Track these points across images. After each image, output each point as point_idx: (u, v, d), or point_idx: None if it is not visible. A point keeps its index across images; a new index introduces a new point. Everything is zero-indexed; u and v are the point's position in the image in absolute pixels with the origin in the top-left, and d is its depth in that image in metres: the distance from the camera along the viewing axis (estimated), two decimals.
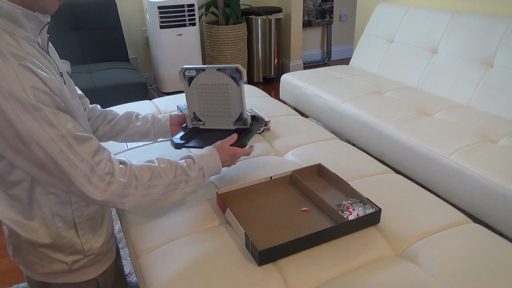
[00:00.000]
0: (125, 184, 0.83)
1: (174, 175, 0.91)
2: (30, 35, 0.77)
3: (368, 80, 2.39)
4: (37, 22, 0.78)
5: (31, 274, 0.96)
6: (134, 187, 0.85)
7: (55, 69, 0.84)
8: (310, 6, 4.05)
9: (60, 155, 0.74)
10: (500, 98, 1.84)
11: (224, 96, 1.21)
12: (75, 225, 0.91)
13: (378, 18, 2.65)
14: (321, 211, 1.06)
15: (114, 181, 0.81)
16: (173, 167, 0.92)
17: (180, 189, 0.93)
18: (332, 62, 4.38)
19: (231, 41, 3.30)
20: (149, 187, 0.87)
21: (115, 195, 0.82)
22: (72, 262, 0.92)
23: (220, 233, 0.99)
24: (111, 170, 0.81)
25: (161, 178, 0.89)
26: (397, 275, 0.86)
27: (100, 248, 0.97)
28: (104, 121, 1.18)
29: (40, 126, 0.71)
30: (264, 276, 0.86)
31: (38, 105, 0.71)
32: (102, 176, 0.79)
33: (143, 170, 0.87)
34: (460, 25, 2.10)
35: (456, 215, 1.07)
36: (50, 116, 0.72)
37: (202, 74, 1.19)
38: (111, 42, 2.99)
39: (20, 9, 0.74)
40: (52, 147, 0.73)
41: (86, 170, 0.77)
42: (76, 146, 0.76)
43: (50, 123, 0.72)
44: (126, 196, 0.84)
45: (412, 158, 1.68)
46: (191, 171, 0.94)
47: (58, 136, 0.74)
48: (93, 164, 0.78)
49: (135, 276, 1.46)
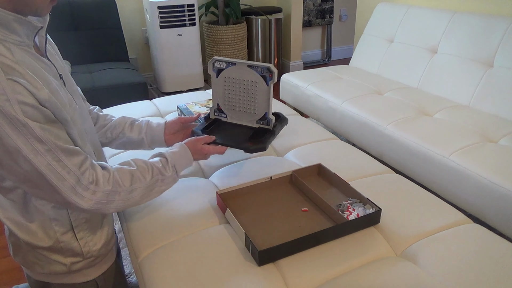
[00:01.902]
0: (109, 192, 0.84)
1: (152, 176, 0.93)
2: (24, 39, 0.76)
3: (368, 80, 2.39)
4: (30, 27, 0.77)
5: (31, 274, 0.96)
6: (118, 193, 0.86)
7: (53, 72, 0.83)
8: (310, 6, 4.05)
9: (48, 168, 0.75)
10: (500, 98, 1.84)
11: (251, 93, 1.20)
12: (72, 229, 0.90)
13: (378, 18, 2.65)
14: (321, 211, 1.06)
15: (99, 190, 0.82)
16: (149, 169, 0.93)
17: (157, 188, 0.95)
18: (332, 62, 4.37)
19: (231, 41, 3.30)
20: (131, 191, 0.89)
21: (100, 203, 0.83)
22: (71, 264, 0.92)
23: (220, 233, 0.99)
24: (95, 178, 0.82)
25: (141, 181, 0.90)
26: (397, 275, 0.86)
27: (100, 251, 0.96)
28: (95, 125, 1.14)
29: (27, 141, 0.71)
30: (264, 276, 0.86)
31: (25, 121, 0.70)
32: (87, 185, 0.80)
33: (124, 175, 0.88)
34: (460, 25, 2.10)
35: (456, 215, 1.07)
36: (37, 131, 0.72)
37: (232, 68, 1.18)
38: (111, 42, 2.99)
39: (11, 14, 0.72)
40: (39, 161, 0.73)
41: (73, 181, 0.78)
42: (64, 159, 0.76)
43: (38, 138, 0.72)
44: (111, 202, 0.85)
45: (412, 158, 1.68)
46: (166, 171, 0.96)
47: (45, 150, 0.74)
48: (79, 175, 0.79)
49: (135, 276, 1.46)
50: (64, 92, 0.84)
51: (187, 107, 1.68)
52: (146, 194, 0.93)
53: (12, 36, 0.74)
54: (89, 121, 1.00)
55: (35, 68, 0.76)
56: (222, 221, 1.05)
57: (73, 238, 0.91)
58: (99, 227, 0.97)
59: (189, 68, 3.16)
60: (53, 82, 0.79)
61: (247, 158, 1.36)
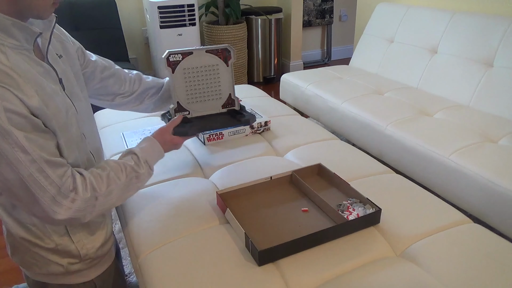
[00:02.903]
0: (88, 199, 0.83)
1: (126, 176, 0.92)
2: (23, 43, 0.76)
3: (368, 80, 2.39)
4: (29, 32, 0.76)
5: (29, 274, 0.96)
6: (95, 198, 0.84)
7: (52, 76, 0.82)
8: (310, 6, 4.05)
9: (30, 179, 0.74)
10: (500, 98, 1.84)
11: (213, 78, 1.17)
12: (68, 232, 0.90)
13: (378, 18, 2.65)
14: (321, 211, 1.06)
15: (78, 198, 0.81)
16: (123, 168, 0.92)
17: (133, 185, 0.94)
18: (332, 62, 4.37)
19: (231, 41, 3.30)
20: (108, 194, 0.87)
21: (78, 211, 0.82)
22: (68, 265, 0.92)
23: (220, 233, 0.99)
24: (75, 185, 0.81)
25: (116, 183, 0.89)
26: (397, 275, 0.86)
27: (97, 252, 0.96)
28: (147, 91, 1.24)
29: (11, 149, 0.70)
30: (264, 276, 0.86)
31: (10, 129, 0.69)
32: (66, 194, 0.79)
33: (99, 180, 0.86)
34: (460, 25, 2.10)
35: (456, 215, 1.07)
36: (22, 140, 0.71)
37: (189, 58, 1.15)
38: (111, 42, 2.99)
39: (9, 19, 0.72)
40: (22, 170, 0.72)
41: (54, 192, 0.77)
42: (48, 170, 0.75)
43: (22, 147, 0.71)
44: (90, 209, 0.84)
45: (412, 158, 1.68)
46: (139, 168, 0.95)
47: (29, 161, 0.73)
48: (60, 184, 0.78)
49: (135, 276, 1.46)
50: (62, 97, 0.83)
51: None
52: (123, 194, 0.92)
53: (10, 40, 0.73)
54: (90, 124, 0.99)
55: (30, 73, 0.75)
56: (222, 221, 1.05)
57: (70, 241, 0.91)
58: (96, 229, 0.96)
59: None
60: (47, 88, 0.78)
61: (247, 158, 1.36)
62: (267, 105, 1.84)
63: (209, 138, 1.45)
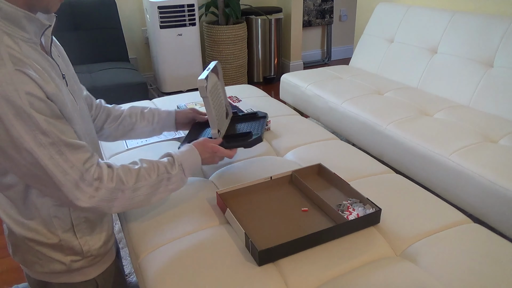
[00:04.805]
0: (113, 189, 0.84)
1: (157, 175, 0.92)
2: (32, 37, 0.77)
3: (368, 80, 2.39)
4: (38, 25, 0.77)
5: (31, 273, 0.96)
6: (121, 191, 0.85)
7: (57, 71, 0.84)
8: (310, 6, 4.05)
9: (50, 161, 0.74)
10: (500, 98, 1.84)
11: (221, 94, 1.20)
12: (73, 227, 0.91)
13: (378, 18, 2.65)
14: (321, 211, 1.06)
15: (102, 186, 0.82)
16: (155, 167, 0.93)
17: (164, 187, 0.94)
18: (332, 62, 4.38)
19: (231, 41, 3.30)
20: (135, 190, 0.88)
21: (103, 200, 0.83)
22: (71, 262, 0.92)
23: (220, 233, 0.99)
24: (100, 175, 0.82)
25: (145, 179, 0.90)
26: (397, 275, 0.86)
27: (99, 250, 0.96)
28: (108, 118, 1.17)
29: (32, 132, 0.71)
30: (264, 276, 0.86)
31: (31, 112, 0.70)
32: (91, 182, 0.80)
33: (128, 173, 0.87)
34: (460, 25, 2.10)
35: (456, 215, 1.07)
36: (42, 123, 0.72)
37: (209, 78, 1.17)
38: (111, 42, 2.99)
39: (22, 11, 0.73)
40: (42, 154, 0.73)
41: (76, 177, 0.78)
42: (67, 153, 0.76)
43: (42, 130, 0.72)
44: (113, 201, 0.85)
45: (412, 158, 1.68)
46: (172, 169, 0.96)
47: (49, 144, 0.74)
48: (83, 171, 0.79)
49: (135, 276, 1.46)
50: (66, 92, 0.84)
51: (187, 107, 1.68)
52: (152, 193, 0.92)
53: (21, 32, 0.75)
54: (89, 123, 1.00)
55: (42, 63, 0.77)
56: (222, 221, 1.05)
57: (73, 237, 0.91)
58: (99, 226, 0.97)
59: (189, 68, 3.17)
60: (57, 79, 0.80)
61: (246, 158, 1.36)
62: (267, 105, 1.84)
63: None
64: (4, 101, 0.68)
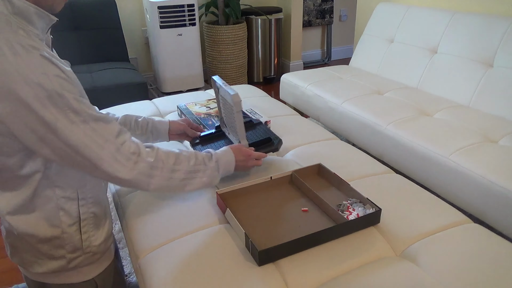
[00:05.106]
0: (152, 164, 0.88)
1: (195, 163, 0.97)
2: (39, 33, 0.79)
3: (368, 80, 2.39)
4: (46, 21, 0.80)
5: (29, 274, 0.95)
6: (160, 169, 0.90)
7: None
8: (310, 6, 4.05)
9: (85, 138, 0.78)
10: (500, 98, 1.84)
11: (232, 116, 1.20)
12: (79, 221, 0.91)
13: (378, 18, 2.65)
14: (321, 211, 1.06)
15: (141, 160, 0.86)
16: (193, 156, 0.98)
17: (199, 178, 0.98)
18: (332, 62, 4.38)
19: (231, 41, 3.30)
20: (173, 171, 0.92)
21: (142, 174, 0.87)
22: (70, 259, 0.92)
23: (220, 233, 0.99)
24: (137, 150, 0.86)
25: (184, 164, 0.95)
26: (397, 275, 0.86)
27: (99, 247, 0.96)
28: None
29: (63, 112, 0.75)
30: (264, 276, 0.86)
31: (62, 93, 0.74)
32: (128, 155, 0.84)
33: (168, 154, 0.93)
34: (460, 25, 2.10)
35: (456, 215, 1.07)
36: (73, 102, 0.76)
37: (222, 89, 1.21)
38: (111, 42, 2.99)
39: (33, 6, 0.76)
40: (77, 132, 0.77)
41: (112, 150, 0.82)
42: (99, 129, 0.80)
43: (73, 109, 0.76)
44: (153, 177, 0.89)
45: (412, 158, 1.68)
46: (210, 162, 1.01)
47: (81, 121, 0.77)
48: (117, 144, 0.83)
49: (135, 276, 1.46)
50: None
51: (187, 107, 1.68)
52: (186, 180, 0.96)
53: (31, 27, 0.77)
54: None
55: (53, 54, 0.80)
56: (222, 221, 1.05)
57: (77, 231, 0.91)
58: (102, 224, 0.97)
59: (189, 68, 3.17)
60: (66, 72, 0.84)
61: None
62: (267, 105, 1.84)
63: None
64: (35, 86, 0.71)
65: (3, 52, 0.70)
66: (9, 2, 0.74)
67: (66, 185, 0.87)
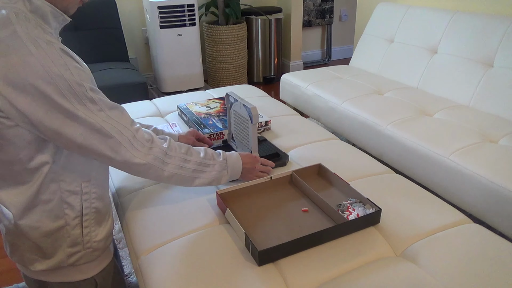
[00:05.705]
0: (166, 151, 0.93)
1: (204, 156, 1.02)
2: (53, 32, 0.82)
3: (368, 80, 2.39)
4: (60, 21, 0.83)
5: (29, 273, 0.95)
6: (173, 157, 0.95)
7: None
8: (310, 6, 4.05)
9: (104, 124, 0.82)
10: (500, 98, 1.84)
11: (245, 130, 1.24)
12: (81, 215, 0.92)
13: (378, 18, 2.65)
14: (321, 211, 1.06)
15: (155, 146, 0.92)
16: (203, 150, 1.03)
17: (208, 173, 1.02)
18: (332, 62, 4.38)
19: (231, 41, 3.30)
20: (185, 161, 0.97)
21: (158, 159, 0.92)
22: (70, 254, 0.92)
23: (220, 233, 0.99)
24: (151, 137, 0.92)
25: (195, 155, 1.00)
26: (397, 275, 0.86)
27: (99, 243, 0.97)
28: None
29: (82, 102, 0.79)
30: (264, 276, 0.86)
31: (82, 83, 0.78)
32: (143, 142, 0.89)
33: (180, 145, 0.98)
34: (460, 25, 2.10)
35: (456, 215, 1.07)
36: (90, 93, 0.80)
37: (237, 103, 1.24)
38: (111, 42, 2.99)
39: (50, 5, 0.80)
40: (96, 119, 0.81)
41: (129, 136, 0.87)
42: (115, 116, 0.85)
43: (91, 99, 0.80)
44: (166, 164, 0.94)
45: (412, 158, 1.68)
46: (218, 157, 1.06)
47: (98, 110, 0.82)
48: (133, 131, 0.88)
49: (135, 276, 1.46)
50: None
51: (187, 107, 1.68)
52: (196, 172, 1.00)
53: (46, 26, 0.80)
54: None
55: None
56: (222, 221, 1.05)
57: (79, 226, 0.92)
58: (104, 220, 0.98)
59: (189, 68, 3.17)
60: None
61: None
62: (267, 105, 1.84)
63: (210, 138, 1.45)
64: (57, 77, 0.75)
65: (26, 46, 0.73)
66: (28, 1, 0.77)
67: (71, 179, 0.88)
